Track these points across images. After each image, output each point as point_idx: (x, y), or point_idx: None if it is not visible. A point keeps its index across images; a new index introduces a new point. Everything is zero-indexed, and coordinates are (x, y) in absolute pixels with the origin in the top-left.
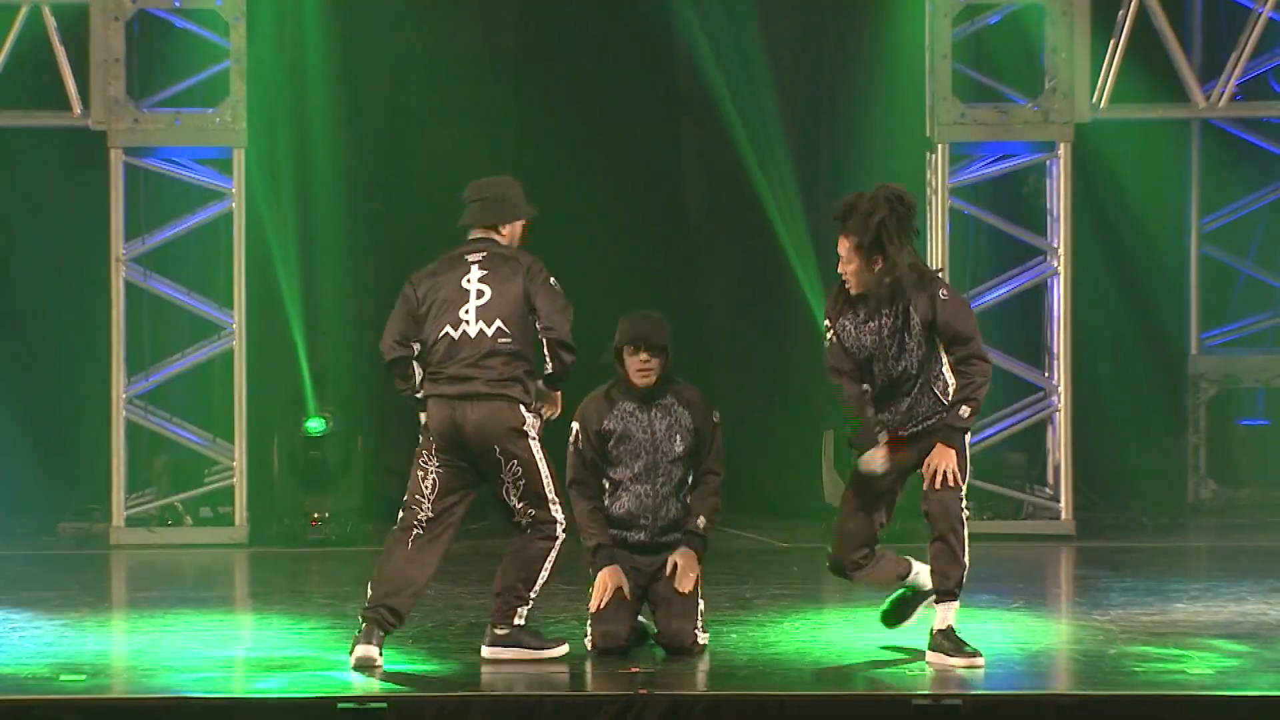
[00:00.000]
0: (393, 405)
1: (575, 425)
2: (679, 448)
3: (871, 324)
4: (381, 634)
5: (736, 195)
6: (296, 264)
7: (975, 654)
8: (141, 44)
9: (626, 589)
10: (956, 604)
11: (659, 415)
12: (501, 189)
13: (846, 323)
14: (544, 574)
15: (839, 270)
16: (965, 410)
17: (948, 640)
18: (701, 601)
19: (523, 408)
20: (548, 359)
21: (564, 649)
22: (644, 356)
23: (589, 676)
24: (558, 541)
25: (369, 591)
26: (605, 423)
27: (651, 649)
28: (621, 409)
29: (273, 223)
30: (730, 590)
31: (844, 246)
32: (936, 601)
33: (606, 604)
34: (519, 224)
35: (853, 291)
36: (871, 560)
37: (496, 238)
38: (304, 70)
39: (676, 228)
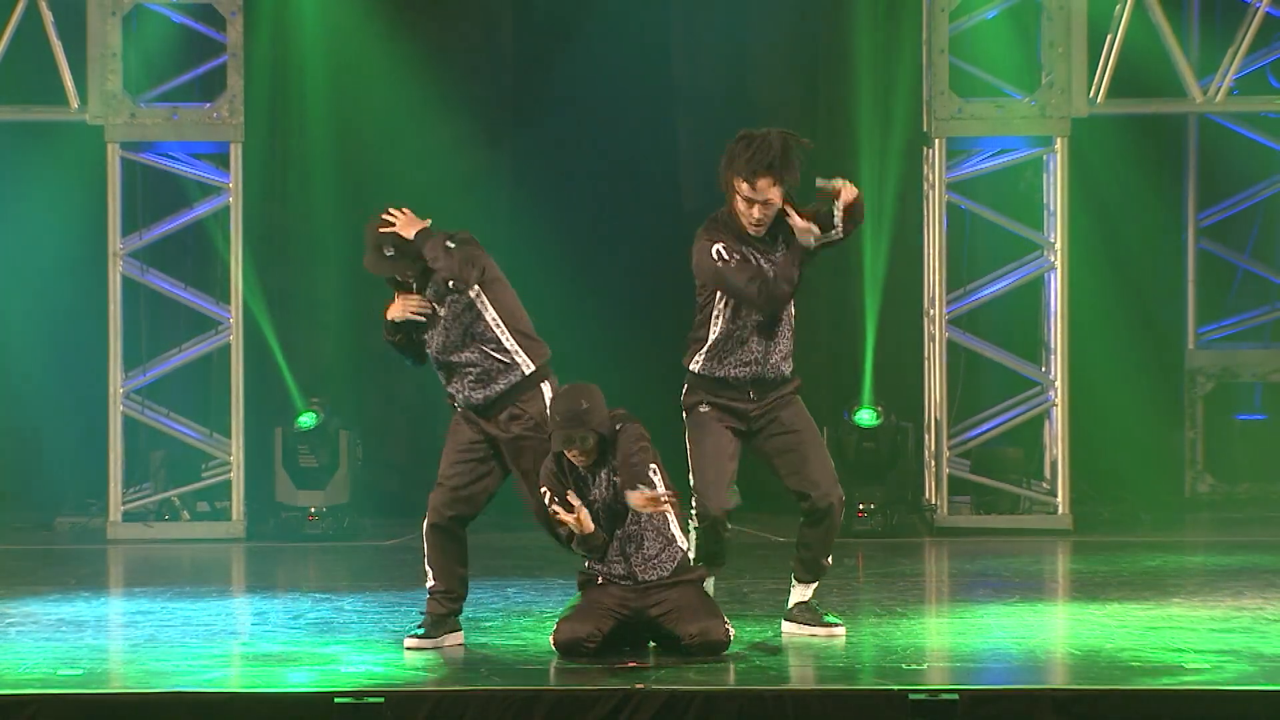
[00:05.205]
0: (392, 400)
1: (544, 490)
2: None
3: (764, 263)
4: None
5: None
6: (293, 259)
7: (835, 624)
8: (139, 38)
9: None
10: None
11: (604, 478)
12: None
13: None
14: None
15: (756, 215)
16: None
17: (807, 611)
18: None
19: None
20: None
21: None
22: (574, 453)
23: (585, 671)
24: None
25: None
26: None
27: (649, 646)
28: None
29: (269, 218)
30: (727, 585)
31: (770, 190)
32: (809, 581)
33: (583, 606)
34: None
35: (757, 232)
36: None
37: None
38: (301, 64)
39: (673, 226)
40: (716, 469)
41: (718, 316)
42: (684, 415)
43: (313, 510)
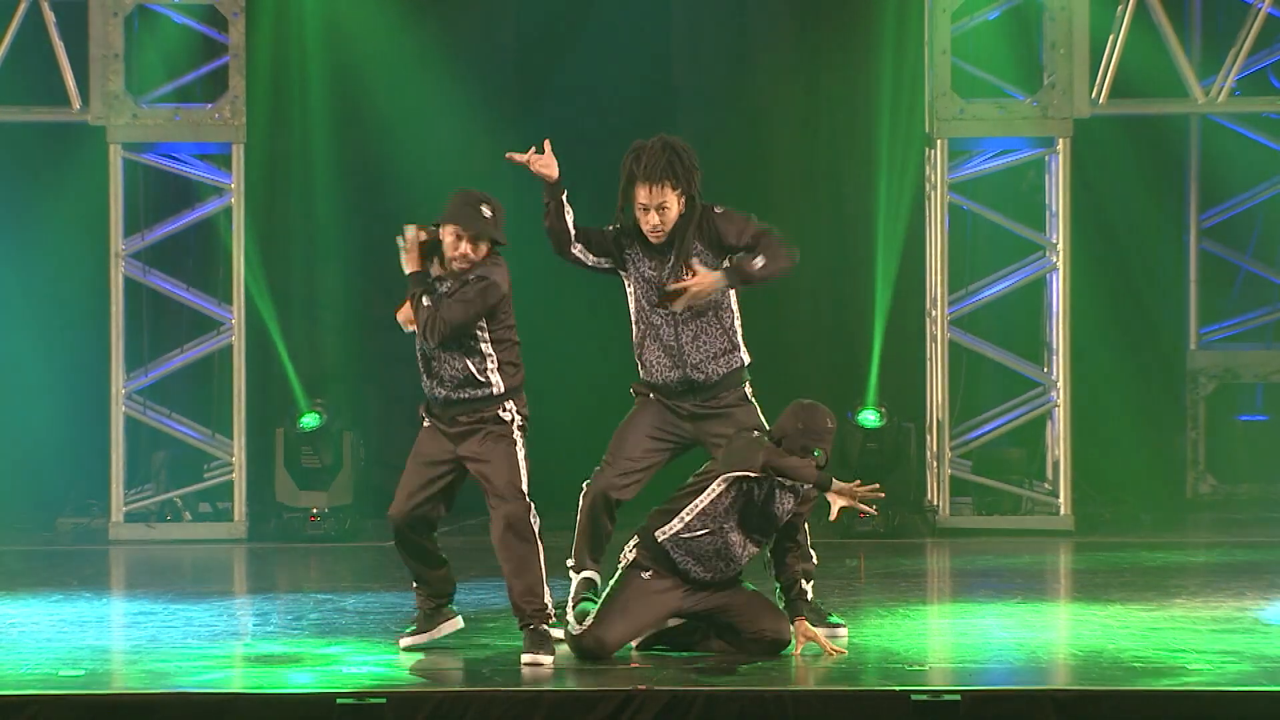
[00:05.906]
0: (395, 401)
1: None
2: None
3: (659, 269)
4: None
5: (734, 193)
6: (295, 260)
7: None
8: (140, 39)
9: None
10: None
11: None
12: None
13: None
14: None
15: (653, 220)
16: (759, 261)
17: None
18: None
19: None
20: None
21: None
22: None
23: (586, 671)
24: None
25: None
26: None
27: (653, 648)
28: None
29: (271, 218)
30: None
31: (664, 195)
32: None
33: (624, 609)
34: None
35: (656, 239)
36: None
37: None
38: (304, 65)
39: None
40: (619, 443)
41: (632, 317)
42: None
43: (315, 511)
